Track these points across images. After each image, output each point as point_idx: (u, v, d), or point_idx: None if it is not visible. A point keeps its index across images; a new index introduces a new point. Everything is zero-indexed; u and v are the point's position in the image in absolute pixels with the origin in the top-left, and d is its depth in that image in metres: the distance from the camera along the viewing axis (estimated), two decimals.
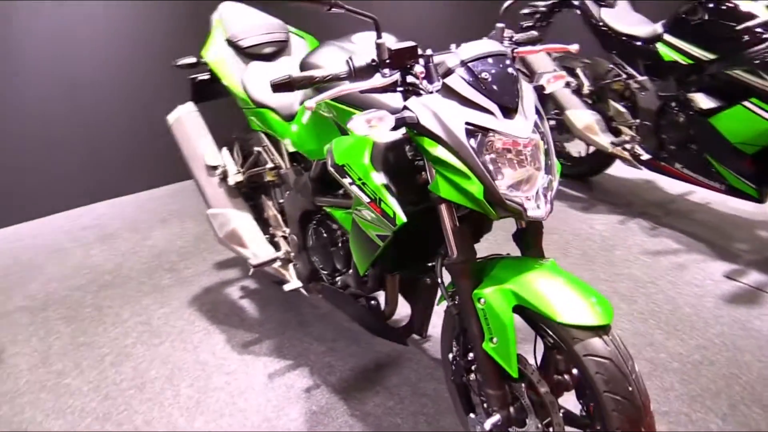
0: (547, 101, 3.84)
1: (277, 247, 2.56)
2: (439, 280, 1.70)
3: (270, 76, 2.19)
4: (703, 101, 2.87)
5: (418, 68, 1.48)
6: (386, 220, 1.59)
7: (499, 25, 1.66)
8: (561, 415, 1.55)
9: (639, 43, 3.22)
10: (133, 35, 4.22)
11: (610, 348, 1.40)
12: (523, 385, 1.58)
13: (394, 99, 1.62)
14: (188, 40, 3.23)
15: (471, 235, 1.60)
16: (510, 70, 1.47)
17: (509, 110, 1.44)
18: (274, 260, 2.45)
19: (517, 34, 1.74)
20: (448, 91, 1.45)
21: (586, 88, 3.58)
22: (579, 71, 3.62)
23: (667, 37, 3.07)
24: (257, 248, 2.50)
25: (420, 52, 1.52)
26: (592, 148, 3.79)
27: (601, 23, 3.41)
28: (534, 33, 1.81)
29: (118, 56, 4.20)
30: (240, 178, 2.56)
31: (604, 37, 3.42)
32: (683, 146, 3.11)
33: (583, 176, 4.02)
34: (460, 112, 1.42)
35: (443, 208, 1.53)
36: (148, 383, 2.41)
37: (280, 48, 2.57)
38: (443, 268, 1.67)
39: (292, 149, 2.25)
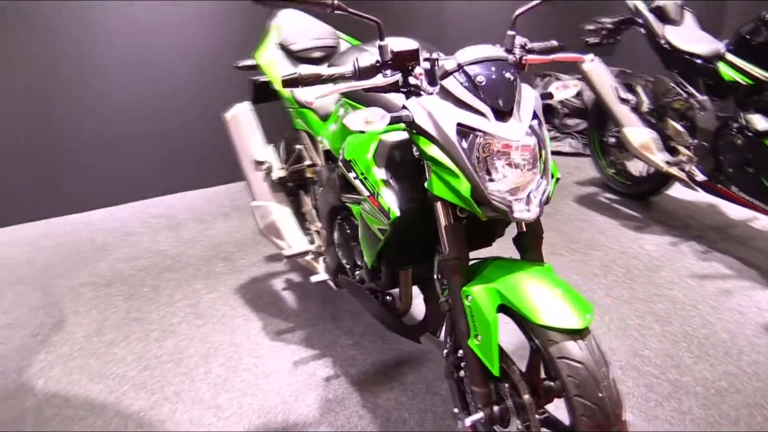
0: (607, 118, 3.79)
1: (312, 240, 2.68)
2: (436, 276, 1.76)
3: None
4: (760, 122, 2.77)
5: (418, 70, 1.56)
6: (382, 213, 1.67)
7: (510, 32, 1.70)
8: (539, 417, 1.56)
9: (700, 62, 3.14)
10: (210, 37, 4.50)
11: (584, 352, 1.41)
12: (507, 385, 1.60)
13: (400, 99, 1.70)
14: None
15: (466, 234, 1.63)
16: (507, 75, 1.51)
17: (503, 114, 1.48)
18: (305, 253, 2.57)
19: (533, 42, 1.77)
20: (445, 93, 1.51)
21: (645, 106, 3.51)
22: (639, 89, 3.55)
23: (728, 56, 2.98)
24: (292, 240, 2.63)
25: (427, 55, 1.60)
26: (652, 168, 3.70)
27: (663, 41, 3.34)
28: (554, 42, 1.83)
29: (192, 59, 4.48)
30: (283, 173, 2.71)
31: (665, 55, 3.36)
32: (740, 169, 3.00)
33: (642, 195, 3.92)
34: (453, 113, 1.48)
35: (438, 205, 1.59)
36: (185, 359, 2.58)
37: (329, 53, 2.69)
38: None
39: (327, 147, 2.36)
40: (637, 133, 3.47)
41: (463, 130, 1.47)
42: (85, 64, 4.16)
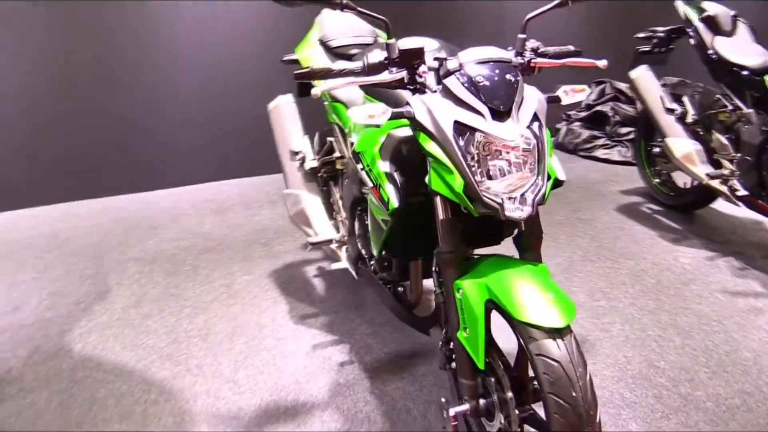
0: (654, 129, 3.73)
1: (338, 230, 2.77)
2: (434, 269, 1.81)
3: None
4: None
5: (423, 68, 1.62)
6: (383, 205, 1.74)
7: (521, 36, 1.74)
8: (524, 415, 1.60)
9: (747, 74, 3.06)
10: (265, 32, 4.67)
11: (562, 352, 1.43)
12: (493, 379, 1.64)
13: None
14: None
15: (473, 231, 1.69)
16: (508, 76, 1.55)
17: (501, 114, 1.52)
18: (329, 241, 2.67)
19: (547, 46, 1.79)
20: (447, 92, 1.57)
21: (691, 116, 3.43)
22: (686, 99, 3.48)
23: None
24: (319, 228, 2.73)
25: (438, 54, 1.65)
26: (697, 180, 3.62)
27: (711, 51, 3.26)
28: (570, 47, 1.85)
29: (247, 54, 4.69)
30: (315, 164, 2.81)
31: (713, 66, 3.28)
32: None
33: (686, 208, 3.84)
34: (451, 110, 1.53)
35: (437, 200, 1.64)
36: (212, 335, 2.72)
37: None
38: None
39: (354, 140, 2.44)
40: (680, 144, 3.41)
41: (462, 128, 1.52)
42: (156, 53, 4.43)
